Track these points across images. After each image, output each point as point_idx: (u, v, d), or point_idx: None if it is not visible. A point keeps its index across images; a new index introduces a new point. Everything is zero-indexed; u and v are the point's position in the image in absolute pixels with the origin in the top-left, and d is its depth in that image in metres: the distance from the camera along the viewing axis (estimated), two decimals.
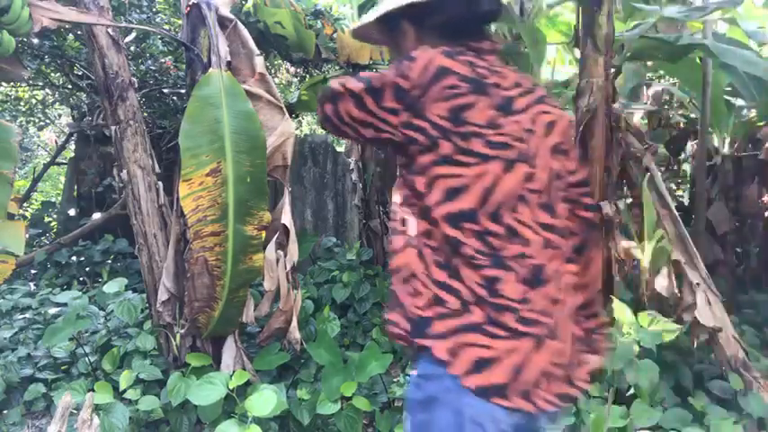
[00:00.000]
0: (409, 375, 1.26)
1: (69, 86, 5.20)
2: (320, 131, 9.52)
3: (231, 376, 2.34)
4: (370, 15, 1.33)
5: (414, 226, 1.18)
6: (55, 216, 5.87)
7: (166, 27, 4.67)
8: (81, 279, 4.73)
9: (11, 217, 2.36)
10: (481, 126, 1.12)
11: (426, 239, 1.16)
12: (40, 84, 5.27)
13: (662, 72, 5.05)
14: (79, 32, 4.24)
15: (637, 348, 2.28)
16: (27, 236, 5.05)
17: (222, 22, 2.78)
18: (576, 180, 1.29)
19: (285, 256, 2.77)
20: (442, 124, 1.11)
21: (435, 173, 1.13)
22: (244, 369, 2.65)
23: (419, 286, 1.14)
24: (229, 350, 2.63)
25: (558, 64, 4.58)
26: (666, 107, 5.31)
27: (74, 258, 4.84)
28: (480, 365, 1.07)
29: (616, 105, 2.84)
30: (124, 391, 2.48)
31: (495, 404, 1.06)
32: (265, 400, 2.12)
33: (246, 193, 2.58)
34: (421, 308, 1.13)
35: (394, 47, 1.35)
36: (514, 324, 1.09)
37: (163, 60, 4.75)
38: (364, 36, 1.48)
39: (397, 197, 1.25)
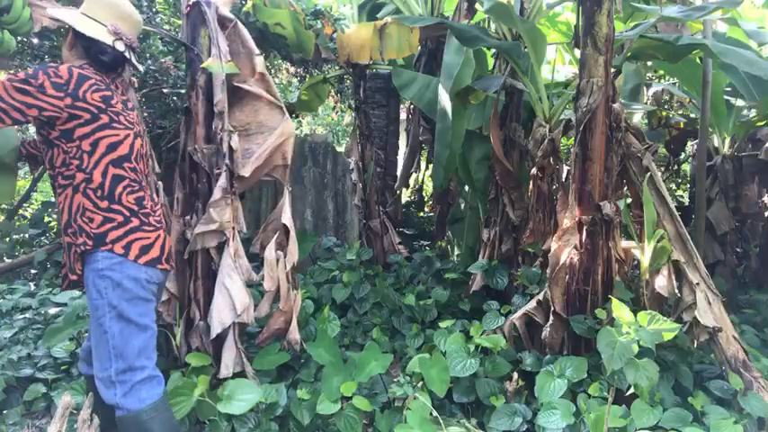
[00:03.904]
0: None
1: None
2: (320, 131, 9.50)
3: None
4: (67, 18, 1.99)
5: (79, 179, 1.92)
6: (55, 216, 5.86)
7: (166, 27, 4.67)
8: None
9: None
10: (119, 110, 1.99)
11: (87, 185, 1.92)
12: None
13: (662, 72, 5.06)
14: None
15: (636, 348, 2.28)
16: (27, 236, 5.06)
17: (222, 22, 2.78)
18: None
19: (285, 256, 2.77)
20: (99, 105, 1.91)
21: (99, 135, 1.92)
22: (243, 369, 2.65)
23: (91, 215, 1.93)
24: (229, 350, 2.62)
25: (558, 64, 4.59)
26: (666, 107, 5.32)
27: None
28: (144, 249, 1.99)
29: (616, 105, 2.84)
30: None
31: (157, 268, 2.03)
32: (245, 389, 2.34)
33: None
34: (95, 228, 1.92)
35: (69, 40, 2.04)
36: (154, 222, 2.06)
37: (163, 60, 4.74)
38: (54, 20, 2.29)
39: (53, 163, 1.95)
